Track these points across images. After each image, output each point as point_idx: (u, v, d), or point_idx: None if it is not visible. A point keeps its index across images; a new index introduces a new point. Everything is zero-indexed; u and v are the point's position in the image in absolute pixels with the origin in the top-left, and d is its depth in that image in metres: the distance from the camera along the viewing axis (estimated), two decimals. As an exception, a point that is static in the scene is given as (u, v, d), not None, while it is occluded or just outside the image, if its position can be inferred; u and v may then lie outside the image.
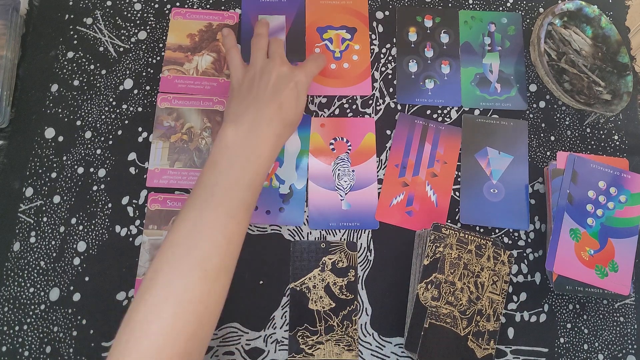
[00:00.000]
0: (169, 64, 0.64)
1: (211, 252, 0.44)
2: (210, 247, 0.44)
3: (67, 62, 0.63)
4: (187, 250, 0.43)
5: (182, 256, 0.43)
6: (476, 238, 0.54)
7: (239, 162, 0.48)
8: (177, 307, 0.41)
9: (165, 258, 0.43)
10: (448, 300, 0.52)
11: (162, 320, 0.40)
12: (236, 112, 0.51)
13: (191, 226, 0.44)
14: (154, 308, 0.40)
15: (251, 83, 0.53)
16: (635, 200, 0.58)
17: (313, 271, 0.57)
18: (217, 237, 0.44)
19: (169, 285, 0.42)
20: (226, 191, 0.46)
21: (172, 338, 0.40)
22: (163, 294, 0.41)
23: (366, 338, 0.56)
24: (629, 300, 0.59)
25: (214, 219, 0.45)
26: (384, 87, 0.65)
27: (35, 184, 0.58)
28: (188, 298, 0.41)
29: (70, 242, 0.57)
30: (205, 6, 0.67)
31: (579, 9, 0.66)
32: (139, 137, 0.61)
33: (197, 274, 0.42)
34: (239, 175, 0.47)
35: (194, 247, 0.43)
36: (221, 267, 0.44)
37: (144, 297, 0.41)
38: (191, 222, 0.45)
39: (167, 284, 0.42)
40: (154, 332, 0.39)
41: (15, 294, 0.55)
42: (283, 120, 0.51)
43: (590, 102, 0.64)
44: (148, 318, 0.40)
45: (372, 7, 0.68)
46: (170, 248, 0.44)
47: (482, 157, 0.62)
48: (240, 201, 0.46)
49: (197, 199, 0.46)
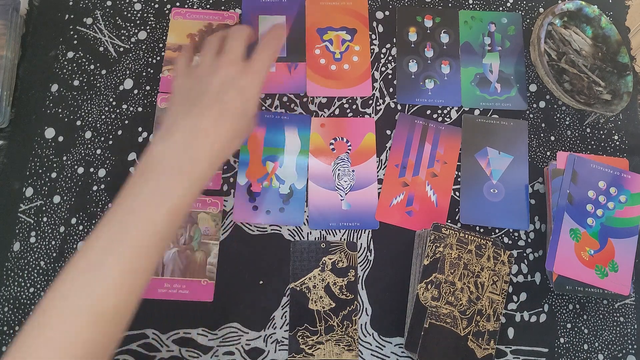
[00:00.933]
0: (169, 64, 0.64)
1: (108, 292, 0.38)
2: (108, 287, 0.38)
3: (67, 62, 0.63)
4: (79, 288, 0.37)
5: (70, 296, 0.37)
6: (476, 238, 0.54)
7: (162, 182, 0.40)
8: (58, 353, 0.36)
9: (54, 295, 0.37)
10: (448, 300, 0.52)
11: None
12: (170, 121, 0.44)
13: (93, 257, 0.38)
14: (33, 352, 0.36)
15: (191, 87, 0.45)
16: (635, 200, 0.58)
17: (313, 271, 0.57)
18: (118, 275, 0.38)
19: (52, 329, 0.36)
20: (140, 218, 0.39)
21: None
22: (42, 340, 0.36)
23: (366, 338, 0.56)
24: (629, 300, 0.59)
25: (118, 254, 0.38)
26: (384, 87, 0.65)
27: (35, 184, 0.58)
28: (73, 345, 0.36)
29: (70, 242, 0.57)
30: (205, 6, 0.67)
31: (579, 9, 0.66)
32: (139, 137, 0.61)
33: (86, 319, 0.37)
34: (159, 200, 0.40)
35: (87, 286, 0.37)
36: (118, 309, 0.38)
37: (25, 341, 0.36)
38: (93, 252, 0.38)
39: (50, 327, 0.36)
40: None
41: (15, 294, 0.55)
42: (225, 131, 0.43)
43: (590, 102, 0.64)
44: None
45: (372, 7, 0.68)
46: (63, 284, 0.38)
47: (482, 157, 0.62)
48: (154, 232, 0.39)
49: (105, 225, 0.39)
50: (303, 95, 0.64)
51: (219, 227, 0.58)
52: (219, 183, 0.60)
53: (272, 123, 0.62)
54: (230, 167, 0.61)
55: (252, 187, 0.60)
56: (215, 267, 0.57)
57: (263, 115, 0.62)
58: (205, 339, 0.55)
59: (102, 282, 0.38)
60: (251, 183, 0.60)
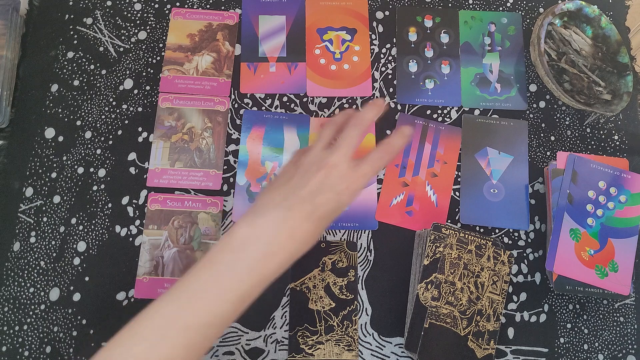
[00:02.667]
0: (169, 64, 0.64)
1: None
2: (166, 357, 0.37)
3: (67, 62, 0.63)
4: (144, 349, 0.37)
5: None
6: (476, 238, 0.54)
7: (238, 267, 0.40)
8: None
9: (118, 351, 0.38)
10: (448, 300, 0.52)
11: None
12: (258, 207, 0.43)
13: (158, 324, 0.38)
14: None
15: (292, 177, 0.44)
16: (635, 200, 0.58)
17: (313, 271, 0.57)
18: (178, 348, 0.37)
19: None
20: (211, 300, 0.39)
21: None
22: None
23: (366, 338, 0.56)
24: (629, 300, 0.59)
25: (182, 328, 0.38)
26: (384, 87, 0.65)
27: (35, 184, 0.58)
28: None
29: (70, 242, 0.57)
30: (205, 6, 0.67)
31: (579, 9, 0.66)
32: (139, 137, 0.61)
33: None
34: (232, 285, 0.40)
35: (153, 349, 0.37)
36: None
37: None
38: (160, 319, 0.38)
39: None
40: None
41: (15, 294, 0.55)
42: (308, 233, 0.42)
43: (590, 102, 0.64)
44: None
45: (372, 7, 0.68)
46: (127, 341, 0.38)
47: (482, 157, 0.62)
48: (220, 314, 0.39)
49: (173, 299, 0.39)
50: (303, 95, 0.64)
51: (219, 227, 0.58)
52: (219, 183, 0.60)
53: (271, 123, 0.62)
54: (230, 167, 0.61)
55: (252, 187, 0.60)
56: (215, 267, 0.57)
57: (262, 115, 0.62)
58: (205, 339, 0.55)
59: (161, 352, 0.37)
60: (250, 183, 0.60)
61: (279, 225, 0.41)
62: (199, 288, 0.39)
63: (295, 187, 0.42)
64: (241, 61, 0.65)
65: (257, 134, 0.62)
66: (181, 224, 0.58)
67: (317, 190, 0.42)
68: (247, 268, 0.40)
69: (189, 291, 0.39)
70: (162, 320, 0.38)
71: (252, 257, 0.40)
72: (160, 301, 0.39)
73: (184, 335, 0.38)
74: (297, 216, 0.41)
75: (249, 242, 0.41)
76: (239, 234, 0.41)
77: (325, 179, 0.42)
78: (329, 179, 0.42)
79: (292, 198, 0.42)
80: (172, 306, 0.39)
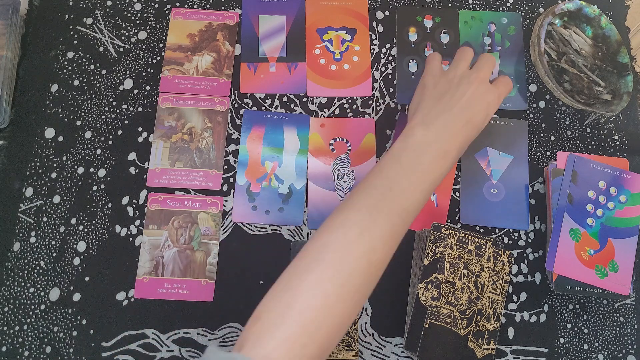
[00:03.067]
0: (169, 64, 0.64)
1: (377, 245, 0.43)
2: (378, 240, 0.43)
3: (67, 62, 0.63)
4: (360, 232, 0.42)
5: (353, 240, 0.42)
6: (476, 238, 0.54)
7: (423, 165, 0.47)
8: (338, 289, 0.40)
9: (335, 236, 0.42)
10: (448, 300, 0.52)
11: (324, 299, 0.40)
12: (426, 114, 0.50)
13: (366, 212, 0.43)
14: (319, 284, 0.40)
15: (447, 88, 0.51)
16: (635, 200, 0.58)
17: (313, 271, 0.57)
18: (385, 232, 0.43)
19: (339, 264, 0.41)
20: (404, 190, 0.45)
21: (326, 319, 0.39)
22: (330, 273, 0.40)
23: (366, 338, 0.56)
24: (629, 300, 0.59)
25: (387, 213, 0.44)
26: (384, 87, 0.65)
27: (35, 184, 0.58)
28: (350, 284, 0.41)
29: (70, 242, 0.57)
30: (205, 6, 0.67)
31: (579, 9, 0.66)
32: (139, 137, 0.61)
33: (363, 264, 0.42)
34: (420, 178, 0.46)
35: (367, 231, 0.42)
36: (381, 264, 0.44)
37: (310, 267, 0.41)
38: (366, 208, 0.44)
39: (336, 263, 0.41)
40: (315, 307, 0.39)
41: (15, 294, 0.55)
42: (465, 136, 0.49)
43: (590, 102, 0.64)
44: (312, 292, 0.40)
45: (372, 7, 0.68)
46: (341, 228, 0.43)
47: (482, 157, 0.62)
48: (413, 203, 0.46)
49: (375, 187, 0.45)
50: (303, 95, 0.64)
51: (219, 227, 0.58)
52: (219, 183, 0.60)
53: (271, 123, 0.62)
54: (230, 167, 0.61)
55: (252, 187, 0.60)
56: (215, 267, 0.57)
57: (262, 115, 0.62)
58: (205, 339, 0.55)
59: (375, 235, 0.43)
60: (250, 183, 0.60)
61: (449, 129, 0.48)
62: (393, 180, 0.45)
63: (451, 97, 0.50)
64: (241, 61, 0.65)
65: (257, 134, 0.62)
66: (181, 224, 0.58)
67: (471, 101, 0.49)
68: (429, 163, 0.47)
69: (383, 185, 0.45)
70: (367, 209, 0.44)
71: (432, 155, 0.47)
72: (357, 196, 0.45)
73: (389, 220, 0.44)
74: (460, 122, 0.49)
75: (428, 143, 0.47)
76: (416, 137, 0.48)
77: (475, 92, 0.50)
78: (479, 91, 0.50)
79: (452, 108, 0.49)
80: (372, 199, 0.44)
